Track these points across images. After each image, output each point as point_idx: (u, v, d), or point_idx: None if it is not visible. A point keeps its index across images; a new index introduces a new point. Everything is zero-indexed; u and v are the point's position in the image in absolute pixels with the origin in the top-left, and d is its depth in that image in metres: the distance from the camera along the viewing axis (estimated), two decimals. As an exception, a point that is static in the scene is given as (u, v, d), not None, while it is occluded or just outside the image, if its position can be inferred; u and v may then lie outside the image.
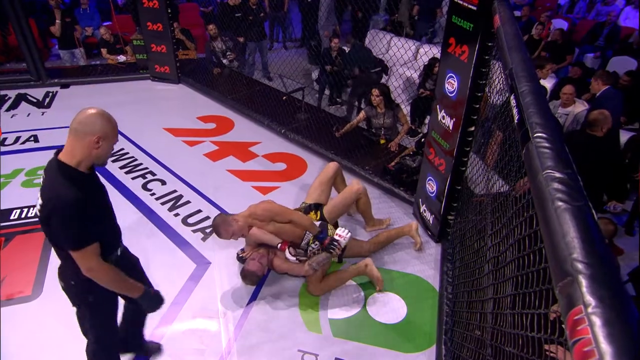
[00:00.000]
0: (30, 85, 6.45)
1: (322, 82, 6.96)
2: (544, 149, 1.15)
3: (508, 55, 1.73)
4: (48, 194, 1.69)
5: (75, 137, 1.70)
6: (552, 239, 0.92)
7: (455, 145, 3.15)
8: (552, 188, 1.01)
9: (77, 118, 1.72)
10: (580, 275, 0.79)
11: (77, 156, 1.71)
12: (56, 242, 1.79)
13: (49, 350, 2.71)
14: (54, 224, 1.68)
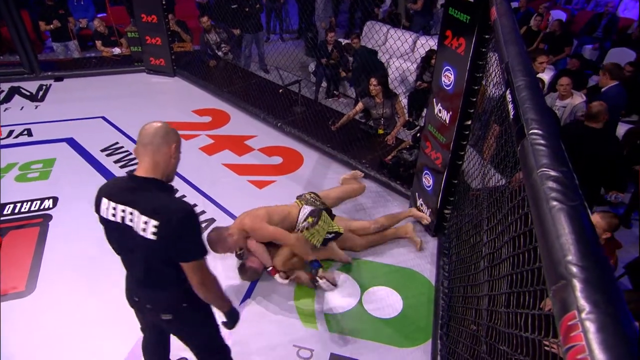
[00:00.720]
0: (23, 78, 6.38)
1: (319, 74, 6.91)
2: (540, 146, 1.12)
3: (504, 49, 1.69)
4: (163, 211, 1.61)
5: (153, 151, 1.67)
6: (547, 240, 0.90)
7: (452, 139, 3.12)
8: (547, 187, 0.99)
9: (148, 133, 1.69)
10: (574, 279, 0.77)
11: (161, 169, 1.70)
12: (180, 256, 1.68)
13: (43, 346, 2.70)
14: (184, 238, 1.63)
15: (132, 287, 1.91)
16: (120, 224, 1.69)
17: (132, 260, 1.82)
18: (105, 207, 1.71)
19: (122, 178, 1.78)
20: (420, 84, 6.04)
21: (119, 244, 1.81)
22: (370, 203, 4.05)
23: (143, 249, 1.68)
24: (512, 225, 1.48)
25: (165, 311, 1.85)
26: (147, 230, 1.61)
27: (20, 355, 2.62)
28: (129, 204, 1.66)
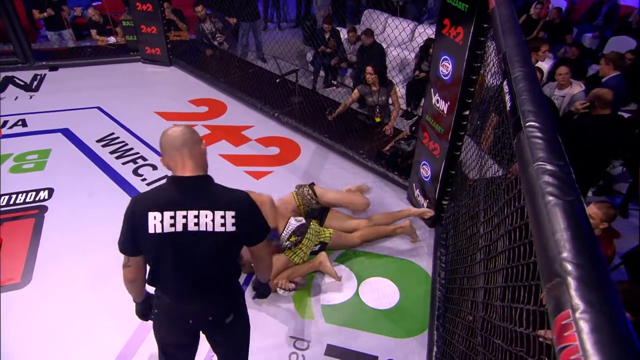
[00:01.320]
0: (17, 67, 6.30)
1: (316, 63, 6.84)
2: (536, 140, 1.10)
3: (502, 39, 1.66)
4: (234, 200, 1.64)
5: (190, 152, 1.64)
6: (542, 236, 0.88)
7: (450, 129, 3.09)
8: (542, 181, 0.97)
9: (176, 137, 1.64)
10: (569, 276, 0.75)
11: (204, 167, 1.70)
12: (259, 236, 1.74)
13: (39, 337, 2.69)
14: (255, 220, 1.70)
15: (185, 307, 1.76)
16: (182, 232, 1.59)
17: (193, 271, 1.69)
18: (157, 220, 1.57)
19: (163, 187, 1.67)
20: (418, 73, 5.98)
21: (177, 255, 1.65)
22: (367, 194, 4.02)
23: (216, 248, 1.64)
24: (508, 218, 1.46)
25: (228, 312, 1.82)
26: (226, 224, 1.60)
27: (16, 347, 2.62)
28: (192, 207, 1.58)
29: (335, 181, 4.18)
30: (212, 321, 1.80)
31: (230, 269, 1.81)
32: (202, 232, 1.59)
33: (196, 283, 1.72)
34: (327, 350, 2.69)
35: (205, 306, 1.76)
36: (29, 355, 2.59)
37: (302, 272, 3.08)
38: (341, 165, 4.45)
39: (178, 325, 1.81)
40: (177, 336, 1.86)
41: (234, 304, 1.87)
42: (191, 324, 1.78)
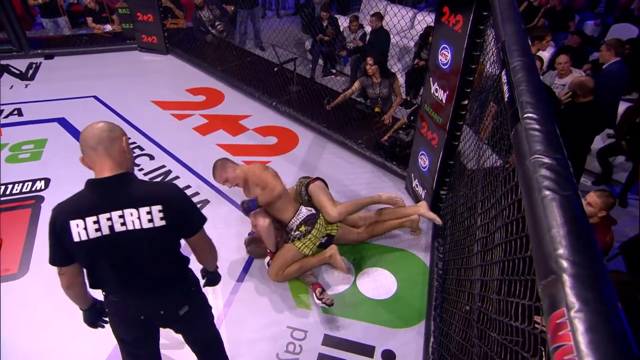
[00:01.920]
0: (12, 55, 6.24)
1: (315, 52, 6.77)
2: (534, 132, 1.07)
3: (501, 27, 1.62)
4: (158, 194, 1.57)
5: (107, 151, 1.55)
6: (537, 231, 0.86)
7: (448, 119, 3.06)
8: (539, 175, 0.95)
9: (93, 135, 1.55)
10: (564, 274, 0.73)
11: (121, 165, 1.58)
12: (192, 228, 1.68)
13: (36, 327, 2.69)
14: (186, 210, 1.63)
15: (135, 303, 1.73)
16: (110, 235, 1.53)
17: (134, 269, 1.65)
18: (81, 228, 1.50)
19: (82, 192, 1.58)
20: (418, 61, 5.93)
21: (111, 258, 1.60)
22: (365, 184, 4.01)
23: (151, 245, 1.59)
24: (505, 210, 1.45)
25: (181, 304, 1.78)
26: (153, 219, 1.53)
27: (13, 337, 2.62)
28: (115, 207, 1.52)
29: (333, 171, 4.16)
30: (165, 315, 1.76)
31: (173, 262, 1.74)
32: (130, 232, 1.53)
33: (139, 281, 1.68)
34: (324, 340, 2.70)
35: (156, 301, 1.73)
36: (25, 345, 2.58)
37: (311, 264, 3.06)
38: (339, 154, 4.42)
39: (132, 322, 1.77)
40: (134, 332, 1.82)
41: (185, 295, 1.80)
42: (144, 320, 1.75)
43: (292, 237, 3.04)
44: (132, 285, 1.69)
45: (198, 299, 1.89)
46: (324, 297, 2.85)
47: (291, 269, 3.00)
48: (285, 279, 3.03)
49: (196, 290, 1.86)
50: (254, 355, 2.59)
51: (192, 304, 1.83)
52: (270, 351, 2.61)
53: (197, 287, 1.87)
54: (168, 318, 1.80)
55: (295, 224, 3.05)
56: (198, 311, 1.90)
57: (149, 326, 1.82)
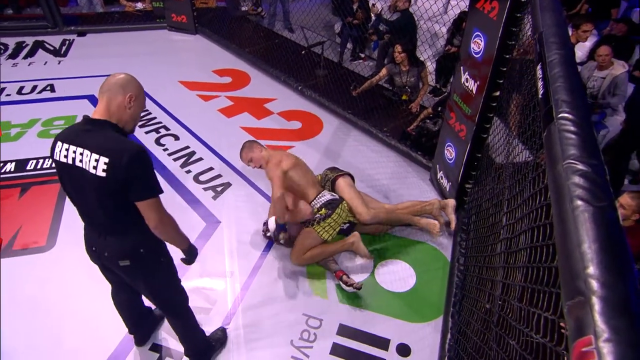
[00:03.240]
0: (47, 32, 6.36)
1: (344, 35, 6.63)
2: (569, 134, 0.99)
3: (539, 17, 1.52)
4: (114, 149, 1.63)
5: (109, 97, 1.71)
6: (566, 245, 0.79)
7: (478, 111, 2.95)
8: (572, 182, 0.87)
9: (108, 81, 1.75)
10: (594, 296, 0.67)
11: (115, 115, 1.73)
12: (135, 195, 1.71)
13: (61, 300, 2.77)
14: (133, 175, 1.66)
15: (90, 235, 1.90)
16: (71, 166, 1.68)
17: (86, 205, 1.79)
18: (58, 149, 1.71)
19: (77, 123, 1.80)
20: (449, 48, 5.73)
21: (72, 186, 1.77)
22: (389, 174, 3.94)
23: (95, 190, 1.68)
24: (532, 213, 1.37)
25: (122, 258, 1.85)
26: (97, 168, 1.62)
27: (37, 309, 2.71)
28: (80, 144, 1.66)
29: (356, 158, 4.10)
30: (108, 258, 1.87)
31: (117, 215, 1.77)
32: (81, 169, 1.66)
33: (89, 216, 1.83)
34: (339, 329, 2.68)
35: (101, 241, 1.84)
36: (48, 318, 2.67)
37: (333, 250, 3.04)
38: (364, 142, 4.35)
39: (89, 249, 1.94)
40: (93, 259, 1.99)
41: (128, 251, 1.84)
42: (95, 251, 1.90)
43: (312, 220, 3.01)
44: (85, 216, 1.86)
45: (146, 262, 1.91)
46: (351, 281, 2.85)
47: (312, 253, 2.99)
48: (305, 262, 3.02)
49: (148, 254, 1.88)
50: (268, 340, 2.60)
51: (135, 263, 1.87)
52: (285, 337, 2.61)
53: (149, 252, 1.88)
54: (110, 262, 1.90)
55: (316, 207, 3.03)
56: (140, 271, 1.93)
57: (102, 261, 1.95)
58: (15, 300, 2.75)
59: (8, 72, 5.48)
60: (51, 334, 2.58)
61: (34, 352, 2.48)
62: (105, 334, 2.57)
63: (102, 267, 2.04)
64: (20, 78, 5.32)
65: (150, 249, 1.89)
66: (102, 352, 2.49)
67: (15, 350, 2.48)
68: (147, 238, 1.85)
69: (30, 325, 2.62)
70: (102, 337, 2.56)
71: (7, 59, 5.79)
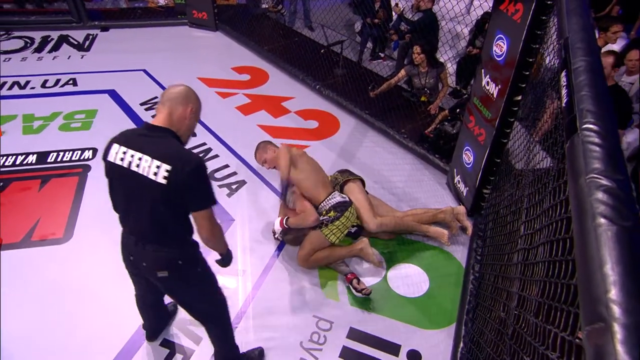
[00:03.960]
0: (72, 27, 6.47)
1: (364, 34, 6.57)
2: (593, 146, 0.94)
3: (565, 21, 1.46)
4: (176, 157, 1.66)
5: (170, 108, 1.75)
6: (587, 265, 0.75)
7: (499, 115, 2.88)
8: (595, 198, 0.83)
9: (169, 92, 1.78)
10: (615, 323, 0.63)
11: (174, 126, 1.75)
12: (193, 205, 1.73)
13: (76, 291, 2.81)
14: (194, 185, 1.68)
15: (127, 242, 1.88)
16: (126, 169, 1.69)
17: (133, 211, 1.79)
18: (114, 152, 1.73)
19: (136, 128, 1.83)
20: (471, 49, 5.62)
21: (122, 190, 1.79)
22: (405, 176, 3.89)
23: (150, 196, 1.68)
24: (552, 226, 1.32)
25: (161, 268, 1.85)
26: (158, 174, 1.63)
27: (52, 300, 2.75)
28: (139, 149, 1.68)
29: (372, 160, 4.06)
30: (146, 268, 1.87)
31: (165, 227, 1.77)
32: (138, 174, 1.67)
33: (134, 223, 1.82)
34: (349, 333, 2.66)
35: (139, 250, 1.83)
36: (62, 308, 2.70)
37: (340, 254, 3.01)
38: (380, 144, 4.31)
39: (126, 257, 1.94)
40: (128, 267, 2.00)
41: (165, 261, 1.83)
42: (133, 261, 1.91)
43: (319, 222, 2.97)
44: (127, 222, 1.86)
45: (183, 274, 1.89)
46: (361, 286, 2.82)
47: (319, 256, 2.97)
48: (313, 265, 3.00)
49: (186, 265, 1.87)
50: (278, 341, 2.59)
51: (173, 274, 1.86)
52: (295, 339, 2.60)
53: (187, 263, 1.88)
54: (148, 272, 1.89)
55: (325, 208, 3.00)
56: (178, 282, 1.92)
57: (139, 271, 1.94)
58: (31, 290, 2.80)
59: (33, 65, 5.60)
60: (65, 324, 2.61)
61: (46, 341, 2.52)
62: (116, 327, 2.60)
63: (135, 277, 2.08)
64: (44, 71, 5.43)
65: (188, 259, 1.89)
66: (114, 345, 2.52)
67: (28, 339, 2.52)
68: (185, 249, 1.87)
69: (44, 315, 2.66)
70: (113, 331, 2.58)
71: (32, 53, 5.91)
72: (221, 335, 2.26)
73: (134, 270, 2.01)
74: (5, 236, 3.17)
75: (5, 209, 3.41)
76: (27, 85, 5.13)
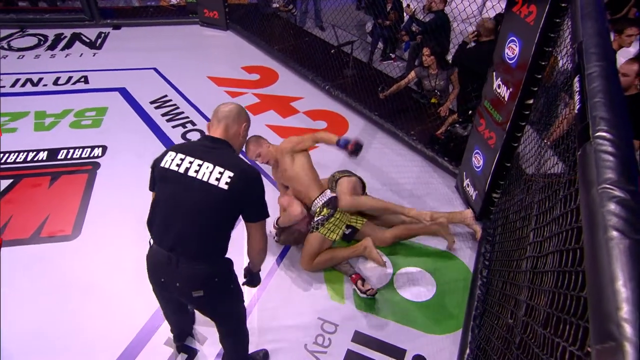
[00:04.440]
0: (84, 25, 6.53)
1: (375, 35, 6.54)
2: (606, 155, 0.91)
3: (580, 24, 1.42)
4: (239, 166, 1.70)
5: (226, 125, 1.80)
6: (597, 280, 0.72)
7: (509, 118, 2.84)
8: (607, 210, 0.80)
9: (223, 109, 1.84)
10: (627, 343, 0.60)
11: (232, 140, 1.82)
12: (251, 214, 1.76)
13: (82, 289, 2.82)
14: (253, 196, 1.74)
15: (158, 260, 1.78)
16: (182, 175, 1.69)
17: (178, 220, 1.71)
18: (170, 158, 1.74)
19: (195, 140, 1.89)
20: (483, 51, 5.56)
21: (170, 197, 1.73)
22: (414, 178, 3.86)
23: (205, 201, 1.68)
24: (562, 235, 1.28)
25: (196, 288, 1.78)
26: (221, 180, 1.65)
27: (58, 297, 2.76)
28: (200, 157, 1.70)
29: (380, 162, 4.03)
30: (180, 288, 1.79)
31: (214, 234, 1.75)
32: (197, 180, 1.67)
33: (176, 233, 1.72)
34: (354, 336, 2.64)
35: (173, 269, 1.74)
36: (68, 307, 2.71)
37: (343, 256, 2.98)
38: (389, 145, 4.28)
39: (154, 278, 1.86)
40: (156, 288, 1.93)
41: (201, 279, 1.77)
42: (164, 283, 1.82)
43: (315, 224, 2.94)
44: (166, 236, 1.73)
45: (218, 292, 1.84)
46: (366, 287, 2.80)
47: (322, 259, 2.95)
48: (317, 268, 2.98)
49: (221, 282, 1.83)
50: (282, 343, 2.57)
51: (209, 293, 1.80)
52: (299, 341, 2.58)
53: (223, 280, 1.84)
54: (182, 293, 1.83)
55: (318, 205, 2.97)
56: (212, 301, 1.87)
57: (171, 293, 1.87)
58: (38, 286, 2.82)
59: (46, 62, 5.65)
60: (70, 322, 2.62)
61: (51, 339, 2.53)
62: (121, 326, 2.60)
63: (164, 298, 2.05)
64: (57, 69, 5.48)
65: (223, 276, 1.87)
66: (119, 343, 2.51)
67: (33, 335, 2.53)
68: (220, 266, 1.85)
69: (50, 312, 2.67)
70: (118, 329, 2.58)
71: (46, 50, 5.97)
72: (239, 348, 2.24)
73: (164, 292, 1.95)
74: (15, 232, 3.20)
75: (16, 205, 3.45)
76: (39, 82, 5.18)
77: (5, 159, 3.91)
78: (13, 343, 2.48)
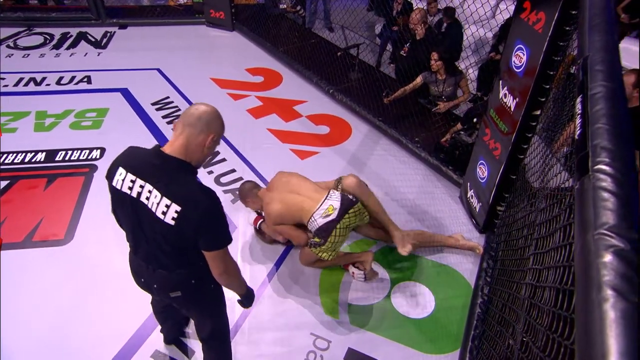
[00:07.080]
0: (91, 24, 6.51)
1: (384, 37, 6.41)
2: (606, 193, 0.80)
3: (587, 37, 1.30)
4: (188, 198, 1.52)
5: (189, 134, 1.56)
6: (587, 350, 0.61)
7: (515, 129, 2.71)
8: (602, 262, 0.69)
9: (191, 114, 1.58)
10: None
11: (189, 154, 1.58)
12: (205, 246, 1.60)
13: (73, 295, 2.76)
14: (205, 228, 1.55)
15: (137, 263, 1.79)
16: (134, 199, 1.57)
17: (140, 240, 1.68)
18: (121, 177, 1.58)
19: (145, 150, 1.63)
20: (494, 54, 5.41)
21: (130, 219, 1.65)
22: (416, 187, 3.73)
23: (156, 232, 1.58)
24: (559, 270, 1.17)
25: (173, 289, 1.77)
26: (167, 215, 1.51)
27: (49, 303, 2.70)
28: (149, 180, 1.54)
29: (383, 169, 3.92)
30: (158, 289, 1.79)
31: (172, 259, 1.67)
32: (147, 209, 1.56)
33: (144, 251, 1.71)
34: (347, 354, 2.53)
35: (150, 273, 1.74)
36: (60, 313, 2.66)
37: (340, 262, 2.99)
38: (392, 152, 4.16)
39: (137, 280, 1.86)
40: (141, 287, 1.90)
41: (181, 282, 1.75)
42: (144, 283, 1.82)
43: (310, 243, 2.84)
44: (139, 250, 1.74)
45: (196, 292, 1.81)
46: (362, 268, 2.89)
47: (318, 265, 2.98)
48: (315, 267, 3.01)
49: (199, 284, 1.78)
50: (273, 358, 2.49)
51: (186, 294, 1.79)
52: (290, 357, 2.49)
53: (201, 282, 1.78)
54: (160, 293, 1.83)
55: (311, 230, 2.83)
56: (191, 301, 1.86)
57: (151, 292, 1.88)
58: (28, 291, 2.77)
59: (50, 62, 5.64)
60: (62, 328, 2.57)
61: (44, 344, 2.47)
62: (113, 332, 2.55)
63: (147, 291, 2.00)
64: (61, 68, 5.45)
65: (201, 278, 1.79)
66: (111, 348, 2.46)
67: (25, 341, 2.48)
68: (197, 269, 1.75)
69: (42, 318, 2.61)
70: (110, 335, 2.53)
71: (51, 49, 5.95)
72: (225, 351, 2.18)
73: (146, 290, 1.91)
74: (8, 235, 3.16)
75: (11, 207, 3.40)
76: (42, 81, 5.16)
77: (3, 160, 3.88)
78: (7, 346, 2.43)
